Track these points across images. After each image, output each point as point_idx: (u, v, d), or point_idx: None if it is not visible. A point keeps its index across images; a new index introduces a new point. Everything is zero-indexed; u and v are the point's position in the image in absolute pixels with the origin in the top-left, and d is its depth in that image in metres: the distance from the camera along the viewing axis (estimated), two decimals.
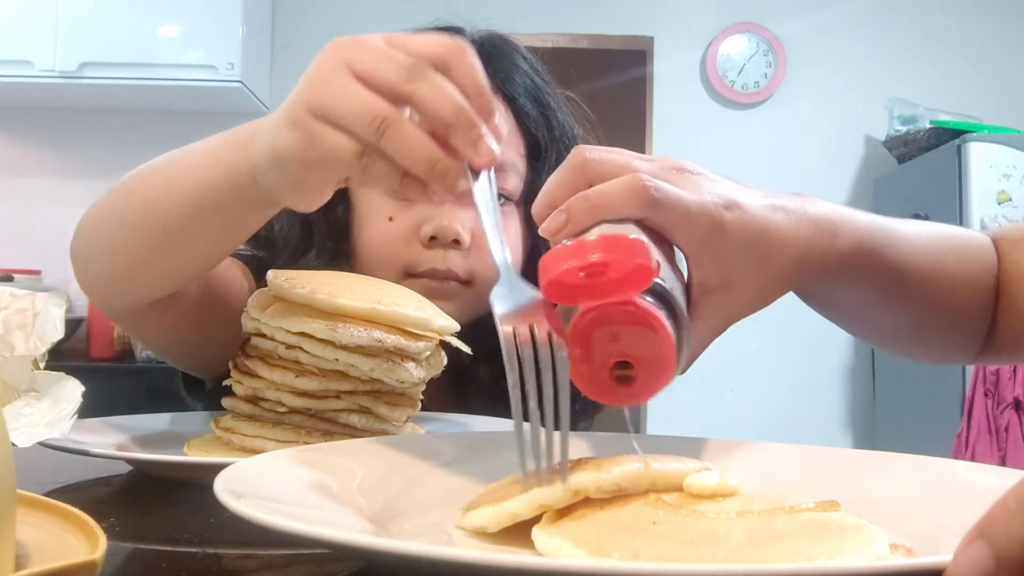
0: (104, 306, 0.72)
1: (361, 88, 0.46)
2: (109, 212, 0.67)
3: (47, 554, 0.31)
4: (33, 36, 2.89)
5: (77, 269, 0.70)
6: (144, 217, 0.62)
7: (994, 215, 2.65)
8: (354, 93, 0.46)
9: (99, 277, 0.69)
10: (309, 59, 0.51)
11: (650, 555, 0.31)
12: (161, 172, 0.63)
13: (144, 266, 0.65)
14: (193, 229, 0.61)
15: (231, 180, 0.56)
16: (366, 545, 0.30)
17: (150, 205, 0.62)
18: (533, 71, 0.88)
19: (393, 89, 0.46)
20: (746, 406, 3.27)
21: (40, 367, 0.52)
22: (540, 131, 0.86)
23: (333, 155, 0.47)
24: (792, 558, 0.30)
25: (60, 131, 3.27)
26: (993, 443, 2.51)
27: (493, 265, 0.41)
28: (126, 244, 0.64)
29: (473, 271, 0.81)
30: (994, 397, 2.52)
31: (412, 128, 0.45)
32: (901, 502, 0.42)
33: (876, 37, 3.38)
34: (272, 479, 0.41)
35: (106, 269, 0.68)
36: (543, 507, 0.36)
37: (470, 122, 0.46)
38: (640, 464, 0.37)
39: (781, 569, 0.27)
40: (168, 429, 0.72)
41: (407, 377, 0.61)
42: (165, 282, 0.67)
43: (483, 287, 0.82)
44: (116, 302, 0.71)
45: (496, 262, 0.42)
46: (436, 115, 0.45)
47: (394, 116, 0.45)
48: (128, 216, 0.64)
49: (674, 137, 3.39)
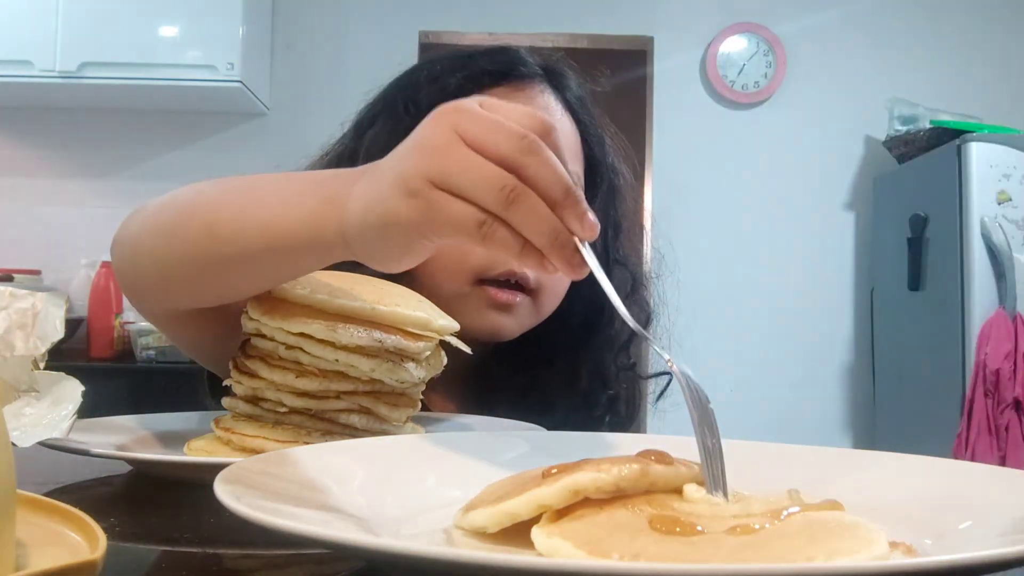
0: (142, 311, 0.72)
1: (484, 159, 0.47)
2: (163, 227, 0.65)
3: (47, 554, 0.31)
4: (33, 36, 2.89)
5: (119, 273, 0.69)
6: (207, 242, 0.61)
7: (994, 215, 2.65)
8: (479, 164, 0.47)
9: (143, 287, 0.68)
10: (309, 59, 0.51)
11: (650, 555, 0.31)
12: (231, 203, 0.62)
13: (196, 283, 0.64)
14: (260, 263, 0.60)
15: (315, 234, 0.55)
16: (365, 545, 0.30)
17: (215, 231, 0.60)
18: (583, 91, 0.90)
19: (507, 160, 0.47)
20: (746, 406, 3.27)
21: (40, 367, 0.52)
22: (597, 150, 0.88)
23: (455, 224, 0.47)
24: (792, 558, 0.30)
25: (60, 131, 3.27)
26: (993, 443, 2.51)
27: (558, 277, 0.41)
28: (180, 262, 0.63)
29: (540, 279, 0.83)
30: (994, 397, 2.52)
31: (538, 201, 0.47)
32: (900, 501, 0.42)
33: (876, 37, 3.37)
34: (272, 479, 0.41)
35: (152, 281, 0.67)
36: (542, 507, 0.36)
37: (577, 199, 0.47)
38: (639, 465, 0.37)
39: (781, 569, 0.27)
40: (168, 429, 0.72)
41: (407, 377, 0.61)
42: (216, 299, 0.66)
43: (544, 299, 0.83)
44: (157, 308, 0.71)
45: (630, 325, 0.47)
46: (547, 191, 0.47)
47: (521, 188, 0.46)
48: (186, 236, 0.63)
49: (674, 137, 3.39)
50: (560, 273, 0.47)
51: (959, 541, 0.36)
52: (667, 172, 3.38)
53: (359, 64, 3.22)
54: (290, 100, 3.26)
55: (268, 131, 3.26)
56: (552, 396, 0.88)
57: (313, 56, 3.29)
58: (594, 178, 0.88)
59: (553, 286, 0.83)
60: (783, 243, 3.35)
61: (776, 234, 3.35)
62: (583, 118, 0.88)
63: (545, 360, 0.89)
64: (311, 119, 2.72)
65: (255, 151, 3.22)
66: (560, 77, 0.88)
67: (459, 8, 3.39)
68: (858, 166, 3.38)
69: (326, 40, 3.31)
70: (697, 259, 3.40)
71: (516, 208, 0.46)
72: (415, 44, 3.32)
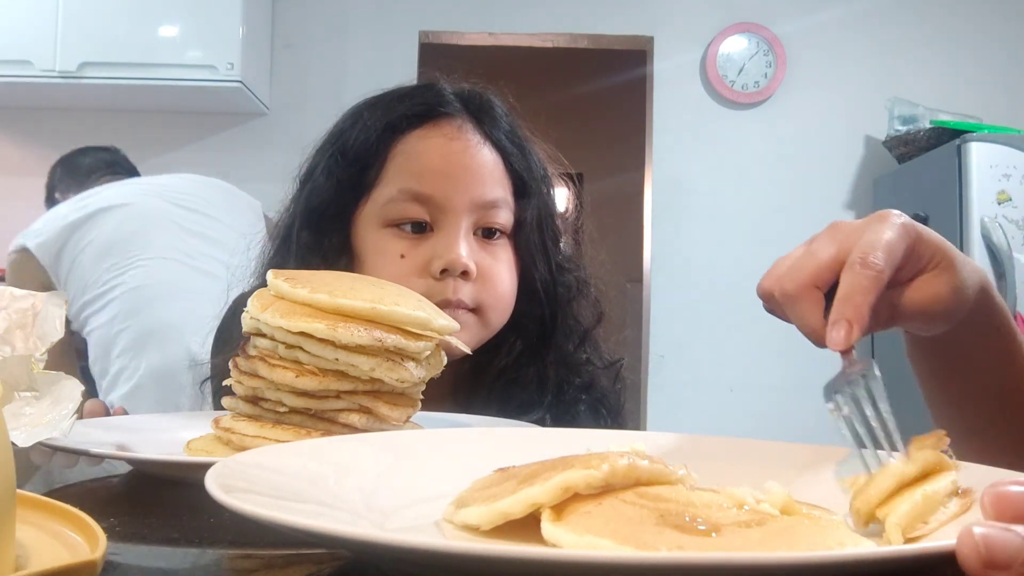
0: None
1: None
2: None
3: (47, 554, 0.31)
4: (33, 36, 2.89)
5: None
6: None
7: (994, 215, 2.65)
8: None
9: None
10: (309, 59, 0.51)
11: (688, 545, 0.31)
12: None
13: None
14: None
15: None
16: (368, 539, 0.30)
17: None
18: (508, 118, 0.94)
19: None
20: (746, 405, 3.27)
21: (40, 367, 0.52)
22: (524, 171, 0.92)
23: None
24: (826, 545, 0.30)
25: (60, 131, 3.27)
26: None
27: (498, 294, 0.39)
28: None
29: (479, 300, 0.86)
30: None
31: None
32: None
33: (876, 37, 3.38)
34: (267, 473, 0.41)
35: None
36: (534, 505, 0.36)
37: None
38: (627, 461, 0.37)
39: (845, 555, 0.28)
40: (168, 429, 0.72)
41: (407, 377, 0.61)
42: None
43: (489, 315, 0.87)
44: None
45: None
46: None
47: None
48: None
49: (674, 137, 3.39)
50: (499, 288, 0.48)
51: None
52: (667, 172, 3.38)
53: (359, 64, 3.22)
54: (290, 100, 3.26)
55: (268, 131, 3.26)
56: (530, 394, 0.92)
57: (313, 56, 3.29)
58: (526, 195, 0.92)
59: (494, 302, 0.87)
60: (783, 243, 3.32)
61: (776, 234, 3.35)
62: (505, 145, 0.91)
63: (516, 364, 0.93)
64: (311, 119, 2.71)
65: (255, 151, 3.22)
66: (480, 110, 0.92)
67: (459, 8, 3.39)
68: (858, 166, 3.38)
69: (326, 40, 3.31)
70: (697, 259, 3.40)
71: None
72: (415, 44, 3.33)
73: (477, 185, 0.87)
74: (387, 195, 0.87)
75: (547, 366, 0.93)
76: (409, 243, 0.86)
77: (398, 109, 0.90)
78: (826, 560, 0.28)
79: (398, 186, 0.87)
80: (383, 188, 0.88)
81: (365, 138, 0.89)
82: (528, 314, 0.92)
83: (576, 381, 0.94)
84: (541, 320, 0.93)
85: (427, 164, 0.87)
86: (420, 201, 0.86)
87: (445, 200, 0.86)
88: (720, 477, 0.42)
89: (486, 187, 0.88)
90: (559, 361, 0.94)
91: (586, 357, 0.96)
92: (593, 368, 0.96)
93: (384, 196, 0.87)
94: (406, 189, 0.86)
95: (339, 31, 3.33)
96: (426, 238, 0.86)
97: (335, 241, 0.89)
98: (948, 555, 0.28)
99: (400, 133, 0.89)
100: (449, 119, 0.90)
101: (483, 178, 0.88)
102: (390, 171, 0.88)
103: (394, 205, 0.86)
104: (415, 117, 0.89)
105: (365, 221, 0.89)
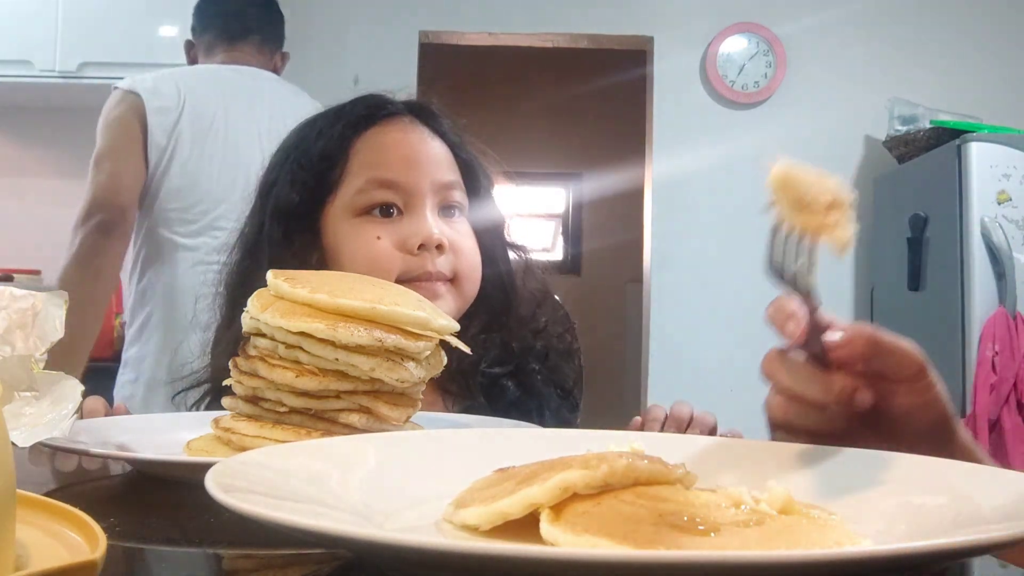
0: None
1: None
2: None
3: (47, 554, 0.31)
4: (33, 36, 2.89)
5: None
6: None
7: (994, 215, 2.65)
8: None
9: None
10: (309, 59, 0.51)
11: (687, 545, 0.31)
12: None
13: None
14: None
15: None
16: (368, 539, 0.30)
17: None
18: (447, 116, 1.04)
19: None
20: (745, 405, 3.27)
21: (40, 367, 0.52)
22: (468, 157, 1.02)
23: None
24: (825, 544, 0.31)
25: (60, 131, 3.27)
26: (993, 443, 2.51)
27: (470, 264, 0.44)
28: None
29: (455, 270, 0.94)
30: (995, 396, 2.53)
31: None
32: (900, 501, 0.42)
33: (876, 37, 3.37)
34: (267, 473, 0.41)
35: None
36: (533, 505, 0.36)
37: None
38: (626, 461, 0.37)
39: (853, 552, 0.27)
40: (168, 429, 0.73)
41: (407, 377, 0.61)
42: None
43: (464, 285, 0.95)
44: None
45: None
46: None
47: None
48: None
49: (674, 137, 3.39)
50: (471, 258, 0.48)
51: (958, 539, 0.36)
52: (667, 172, 3.38)
53: (359, 64, 3.22)
54: None
55: None
56: (498, 359, 0.99)
57: (313, 56, 3.29)
58: (474, 183, 1.02)
59: (469, 272, 0.95)
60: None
61: None
62: (451, 139, 1.01)
63: (485, 332, 1.00)
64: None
65: None
66: (425, 112, 1.01)
67: (459, 8, 3.39)
68: (858, 166, 3.38)
69: (326, 41, 3.31)
70: (697, 259, 3.40)
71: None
72: (415, 44, 3.32)
73: (436, 168, 0.96)
74: (355, 187, 0.94)
75: (511, 331, 1.01)
76: (382, 226, 0.93)
77: (353, 112, 0.99)
78: (824, 559, 0.28)
79: (365, 177, 0.94)
80: (350, 182, 0.94)
81: (326, 141, 0.96)
82: (491, 281, 1.00)
83: (538, 346, 1.02)
84: (502, 287, 1.02)
85: (390, 153, 0.95)
86: (388, 187, 0.93)
87: (411, 184, 0.93)
88: (719, 477, 0.42)
89: (443, 170, 0.97)
90: (519, 324, 1.02)
91: (544, 320, 1.05)
92: (548, 335, 1.04)
93: (352, 188, 0.94)
94: (373, 178, 0.93)
95: (339, 31, 3.33)
96: (397, 220, 0.93)
97: (306, 239, 0.95)
98: (945, 553, 0.28)
99: (358, 132, 0.96)
100: (399, 117, 0.99)
101: (439, 162, 0.97)
102: (354, 165, 0.95)
103: (363, 195, 0.93)
104: (370, 117, 0.98)
105: (335, 216, 0.95)
